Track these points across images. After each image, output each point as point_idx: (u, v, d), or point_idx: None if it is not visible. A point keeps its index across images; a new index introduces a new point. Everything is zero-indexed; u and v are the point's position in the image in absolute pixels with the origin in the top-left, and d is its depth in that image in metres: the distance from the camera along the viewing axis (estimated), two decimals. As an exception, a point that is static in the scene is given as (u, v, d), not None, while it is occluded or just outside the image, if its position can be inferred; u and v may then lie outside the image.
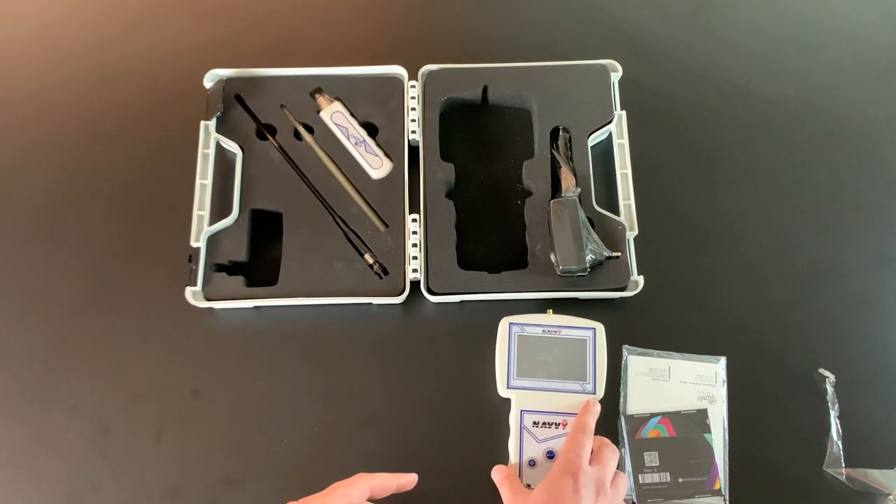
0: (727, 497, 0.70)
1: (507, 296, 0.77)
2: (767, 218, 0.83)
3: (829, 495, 0.71)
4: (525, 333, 0.74)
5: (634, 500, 0.70)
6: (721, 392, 0.75)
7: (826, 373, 0.74)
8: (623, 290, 0.77)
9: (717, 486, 0.70)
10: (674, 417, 0.73)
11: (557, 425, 0.71)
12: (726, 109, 0.88)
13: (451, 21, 0.94)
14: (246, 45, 0.92)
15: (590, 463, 0.64)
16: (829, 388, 0.74)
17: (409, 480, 0.65)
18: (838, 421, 0.72)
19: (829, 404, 0.73)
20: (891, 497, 0.69)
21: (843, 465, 0.71)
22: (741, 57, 0.91)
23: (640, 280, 0.76)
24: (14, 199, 0.85)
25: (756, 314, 0.78)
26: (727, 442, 0.72)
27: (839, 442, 0.72)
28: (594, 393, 0.72)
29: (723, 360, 0.76)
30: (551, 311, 0.76)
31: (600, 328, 0.74)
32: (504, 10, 0.94)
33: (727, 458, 0.72)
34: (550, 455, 0.69)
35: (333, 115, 0.84)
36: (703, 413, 0.73)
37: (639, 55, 0.90)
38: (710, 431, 0.73)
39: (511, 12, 0.94)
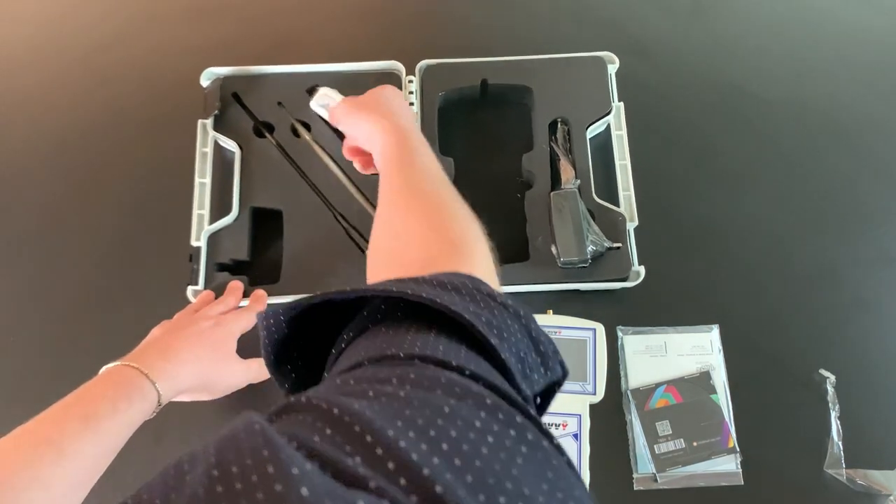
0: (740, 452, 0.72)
1: (509, 289, 0.77)
2: (767, 218, 0.83)
3: (829, 496, 0.71)
4: (525, 334, 0.74)
5: (654, 472, 0.71)
6: (718, 359, 0.76)
7: (826, 373, 0.75)
8: (624, 280, 0.77)
9: (730, 444, 0.72)
10: (679, 383, 0.74)
11: (558, 426, 0.71)
12: (724, 106, 0.88)
13: (448, 16, 0.93)
14: (243, 43, 0.91)
15: None
16: (830, 389, 0.74)
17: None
18: (839, 421, 0.73)
19: (830, 405, 0.74)
20: (891, 498, 0.70)
21: (844, 465, 0.72)
22: (739, 54, 0.91)
23: (642, 270, 0.76)
24: (13, 200, 0.84)
25: (756, 314, 0.78)
26: (730, 401, 0.74)
27: (840, 442, 0.72)
28: (594, 393, 0.72)
29: (716, 329, 0.77)
30: (551, 311, 0.76)
31: (600, 328, 0.74)
32: (500, 7, 0.93)
33: (733, 417, 0.73)
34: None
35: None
36: (706, 375, 0.75)
37: (637, 53, 0.89)
38: (715, 392, 0.74)
39: (507, 9, 0.93)
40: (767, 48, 0.91)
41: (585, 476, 0.70)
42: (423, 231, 0.51)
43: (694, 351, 0.76)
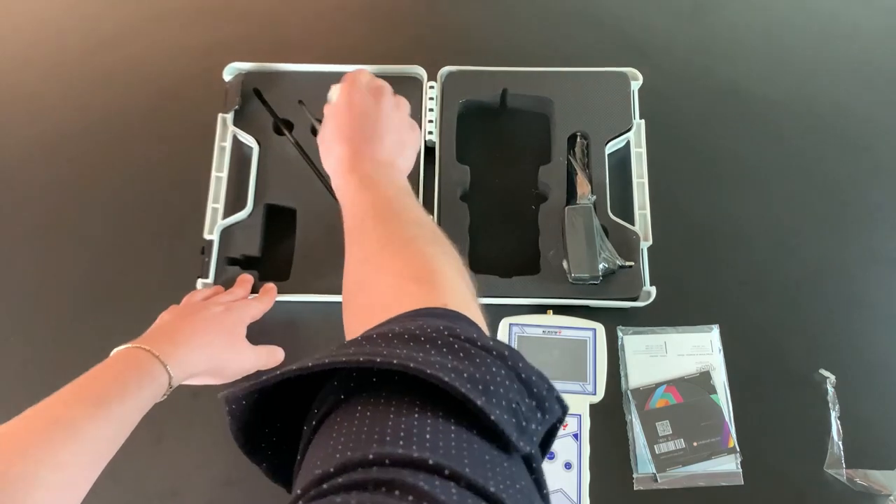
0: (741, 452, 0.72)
1: (517, 301, 0.77)
2: (767, 218, 0.82)
3: (829, 496, 0.71)
4: (525, 334, 0.74)
5: (654, 472, 0.71)
6: (718, 359, 0.76)
7: (827, 373, 0.75)
8: (635, 300, 0.76)
9: (730, 444, 0.72)
10: (679, 383, 0.74)
11: (558, 426, 0.71)
12: (732, 112, 0.88)
13: (471, 24, 0.94)
14: (266, 41, 0.92)
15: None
16: (830, 389, 0.74)
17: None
18: (839, 422, 0.73)
19: (830, 405, 0.74)
20: (891, 498, 0.70)
21: (844, 465, 0.71)
22: (753, 63, 0.90)
23: (653, 291, 0.76)
24: (27, 192, 0.85)
25: (756, 314, 0.78)
26: (730, 401, 0.74)
27: (840, 442, 0.72)
28: (594, 393, 0.72)
29: (716, 329, 0.77)
30: (551, 311, 0.76)
31: (600, 329, 0.75)
32: (521, 15, 0.94)
33: (733, 417, 0.73)
34: (550, 456, 0.70)
35: None
36: (706, 375, 0.75)
37: (653, 63, 0.88)
38: (715, 392, 0.74)
39: (528, 17, 0.93)
40: (773, 51, 0.91)
41: (585, 476, 0.70)
42: (390, 274, 0.50)
43: (694, 351, 0.76)
